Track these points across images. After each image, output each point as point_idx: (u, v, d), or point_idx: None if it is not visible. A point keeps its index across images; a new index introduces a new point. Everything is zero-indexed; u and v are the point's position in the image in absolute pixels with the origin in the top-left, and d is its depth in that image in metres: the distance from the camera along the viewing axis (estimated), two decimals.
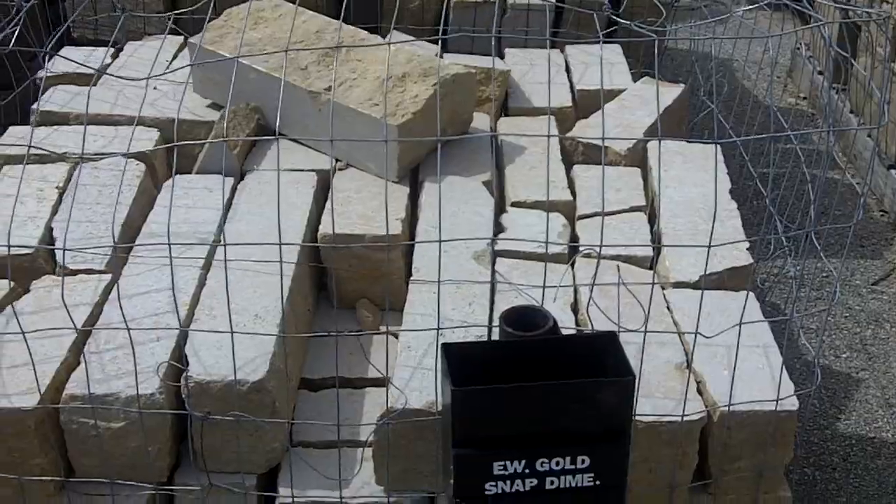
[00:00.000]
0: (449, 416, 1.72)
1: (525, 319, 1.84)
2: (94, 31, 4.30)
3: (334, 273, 2.73)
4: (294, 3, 2.91)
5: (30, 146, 2.42)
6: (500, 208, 2.87)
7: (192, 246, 2.63)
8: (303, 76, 3.02)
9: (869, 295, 3.99)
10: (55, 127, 3.15)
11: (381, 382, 2.56)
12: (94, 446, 2.24)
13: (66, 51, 3.67)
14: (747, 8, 3.68)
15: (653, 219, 2.86)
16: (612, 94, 3.40)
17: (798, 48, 5.55)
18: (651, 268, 2.70)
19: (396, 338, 2.70)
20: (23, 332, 2.15)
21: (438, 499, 2.31)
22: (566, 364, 1.78)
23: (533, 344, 1.79)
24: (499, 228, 2.77)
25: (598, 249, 2.50)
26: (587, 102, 3.39)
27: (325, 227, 2.72)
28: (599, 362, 1.80)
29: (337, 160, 2.99)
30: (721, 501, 2.37)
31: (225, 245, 2.41)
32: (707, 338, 2.20)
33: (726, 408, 2.23)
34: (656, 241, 2.76)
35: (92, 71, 3.42)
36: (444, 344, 1.83)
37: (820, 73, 5.27)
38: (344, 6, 2.40)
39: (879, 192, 4.69)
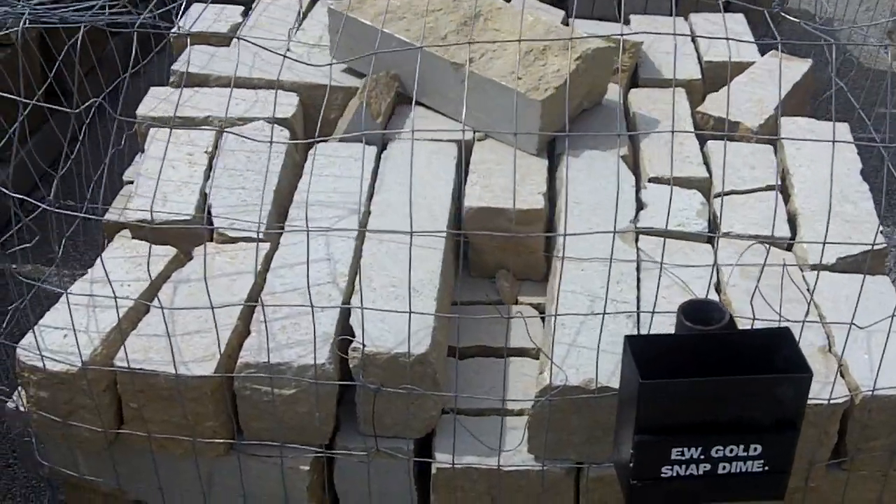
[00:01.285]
0: (633, 405, 1.81)
1: (701, 312, 1.91)
2: None
3: (473, 243, 2.81)
4: None
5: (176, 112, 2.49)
6: (637, 183, 2.93)
7: (346, 217, 2.72)
8: (444, 46, 3.08)
9: None
10: (196, 89, 3.24)
11: (524, 353, 2.67)
12: (265, 411, 2.36)
13: (196, 8, 3.74)
14: None
15: (787, 197, 2.90)
16: (741, 67, 3.43)
17: None
18: (789, 248, 2.75)
19: (535, 308, 2.81)
20: (212, 308, 2.24)
21: (586, 469, 2.41)
22: (740, 357, 1.86)
23: (710, 337, 1.87)
24: (639, 205, 2.83)
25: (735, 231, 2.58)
26: (714, 74, 3.41)
27: (469, 200, 2.79)
28: (772, 356, 1.88)
29: (475, 130, 3.06)
30: (854, 477, 2.44)
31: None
32: (861, 328, 2.26)
33: (869, 392, 2.30)
34: (792, 220, 2.81)
35: (224, 31, 3.55)
36: (627, 336, 1.91)
37: None
38: None
39: None
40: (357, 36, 3.18)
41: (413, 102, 2.85)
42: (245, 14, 3.72)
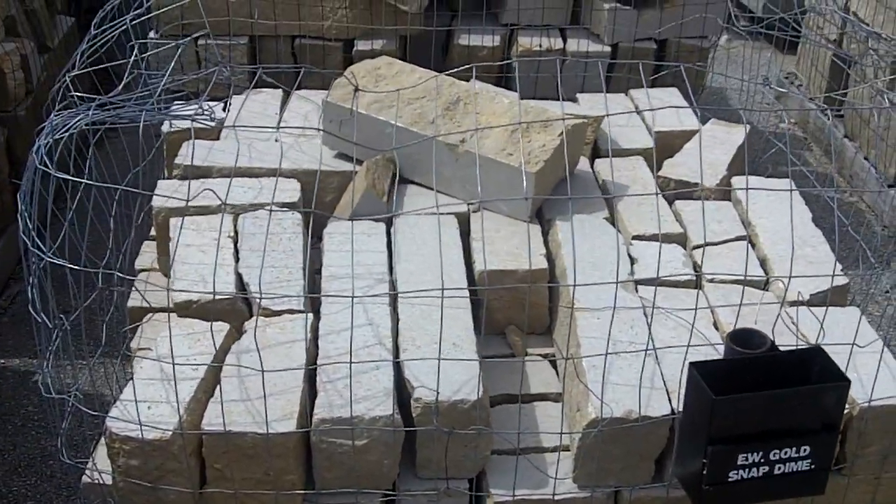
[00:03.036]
0: (704, 420, 2.13)
1: (746, 339, 2.26)
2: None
3: (487, 303, 3.12)
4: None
5: (188, 199, 2.75)
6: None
7: (375, 286, 2.99)
8: (434, 129, 3.40)
9: (885, 301, 4.52)
10: (202, 180, 3.47)
11: (544, 397, 2.97)
12: (338, 461, 2.60)
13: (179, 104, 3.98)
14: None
15: (753, 245, 3.31)
16: (686, 135, 3.85)
17: (788, 77, 6.10)
18: (764, 288, 3.14)
19: (545, 358, 3.13)
20: (284, 369, 2.48)
21: (625, 492, 2.71)
22: (784, 373, 2.21)
23: (758, 359, 2.21)
24: (631, 259, 3.18)
25: (719, 277, 2.96)
26: (663, 143, 3.82)
27: (480, 265, 3.10)
28: (808, 371, 2.23)
29: (469, 203, 3.38)
30: (852, 481, 2.81)
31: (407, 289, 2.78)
32: (861, 347, 2.64)
33: (866, 404, 2.68)
34: (763, 264, 3.21)
35: (209, 126, 3.79)
36: (692, 363, 2.24)
37: (811, 99, 5.81)
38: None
39: (879, 210, 5.24)
40: (351, 124, 3.47)
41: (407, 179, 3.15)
42: (224, 109, 3.97)
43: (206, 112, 2.75)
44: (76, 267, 2.54)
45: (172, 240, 3.20)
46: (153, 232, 3.54)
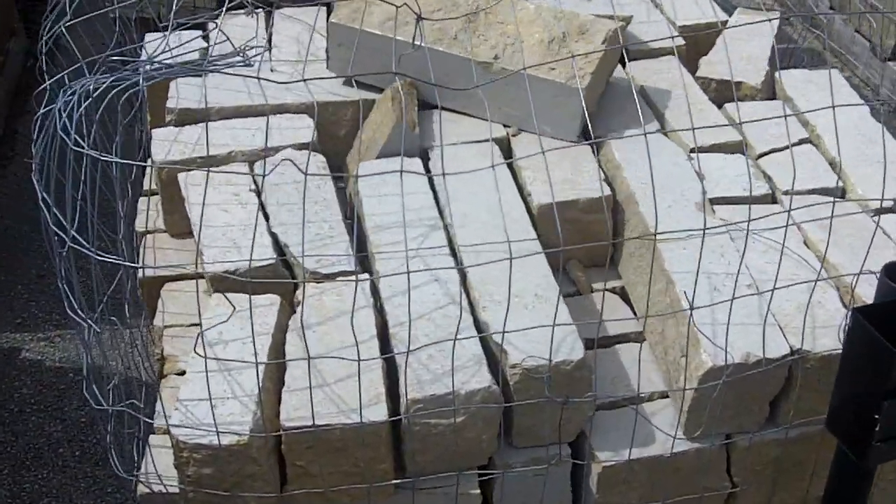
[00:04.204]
0: (881, 373, 1.89)
1: None
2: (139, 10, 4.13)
3: (544, 239, 2.82)
4: None
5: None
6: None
7: (430, 234, 2.68)
8: (460, 46, 3.05)
9: None
10: (200, 125, 3.08)
11: (625, 338, 2.71)
12: (433, 443, 2.32)
13: (152, 37, 3.54)
14: None
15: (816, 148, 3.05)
16: (712, 27, 3.55)
17: None
18: (843, 197, 2.90)
19: (615, 293, 2.87)
20: (369, 359, 2.17)
21: (738, 440, 2.49)
22: None
23: None
24: (698, 176, 2.91)
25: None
26: (691, 38, 3.51)
27: (538, 198, 2.80)
28: None
29: (506, 125, 3.06)
30: None
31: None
32: None
33: None
34: (835, 168, 2.96)
35: (190, 58, 3.39)
36: (856, 309, 1.99)
37: None
38: None
39: (873, 84, 5.03)
40: (363, 47, 3.10)
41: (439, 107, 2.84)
42: (206, 39, 3.55)
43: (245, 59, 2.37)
44: (110, 257, 2.18)
45: (186, 199, 2.83)
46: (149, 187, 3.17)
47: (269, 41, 3.48)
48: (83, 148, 2.06)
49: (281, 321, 2.47)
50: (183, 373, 2.61)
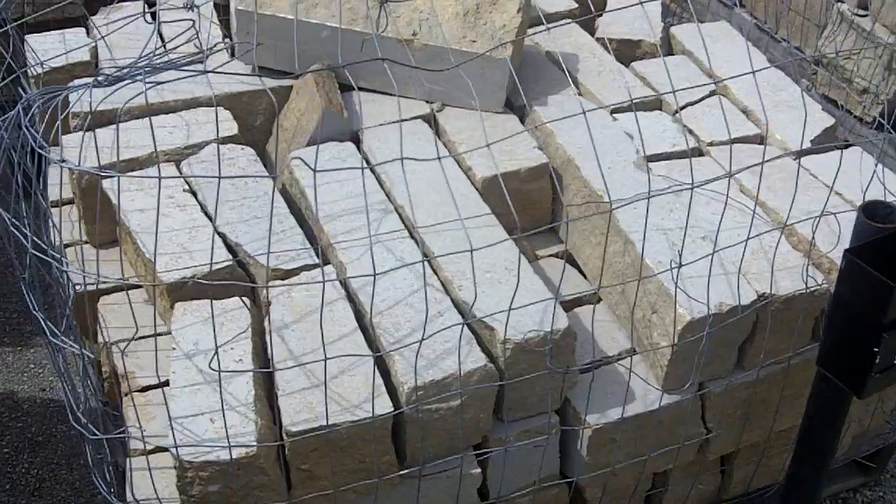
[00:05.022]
0: (879, 308, 1.99)
1: (874, 211, 2.12)
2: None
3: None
4: None
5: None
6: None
7: (384, 218, 2.64)
8: (374, 26, 3.00)
9: None
10: (109, 127, 2.93)
11: (580, 302, 2.75)
12: (434, 428, 2.30)
13: (34, 39, 3.34)
14: None
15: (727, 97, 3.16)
16: None
17: None
18: (762, 142, 3.02)
19: (559, 258, 2.90)
20: (373, 355, 2.14)
21: (710, 388, 2.57)
22: None
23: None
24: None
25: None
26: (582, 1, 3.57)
27: (479, 171, 2.79)
28: None
29: (429, 101, 3.04)
30: None
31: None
32: None
33: None
34: (749, 116, 3.07)
35: (84, 58, 3.22)
36: (847, 250, 2.07)
37: None
38: None
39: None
40: (272, 32, 3.01)
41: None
42: (88, 35, 3.37)
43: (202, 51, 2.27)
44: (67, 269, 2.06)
45: (117, 207, 2.70)
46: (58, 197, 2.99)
47: (160, 34, 3.34)
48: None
49: (254, 324, 2.40)
50: (143, 389, 2.50)
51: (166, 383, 2.42)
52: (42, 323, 2.22)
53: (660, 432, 2.54)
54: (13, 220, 2.14)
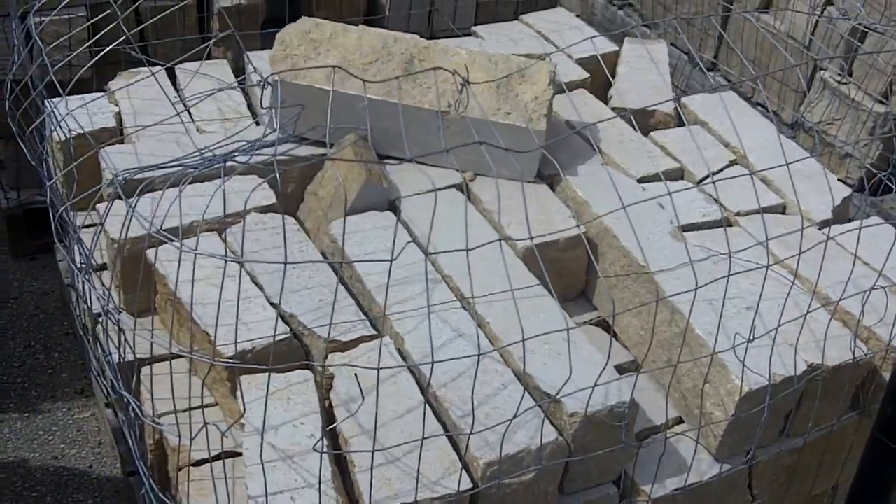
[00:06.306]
0: None
1: None
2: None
3: None
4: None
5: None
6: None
7: (435, 288, 2.66)
8: (408, 96, 3.04)
9: None
10: (149, 196, 2.90)
11: (621, 368, 2.80)
12: (503, 502, 2.32)
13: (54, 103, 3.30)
14: None
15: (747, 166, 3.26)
16: (608, 57, 3.70)
17: None
18: (784, 212, 3.11)
19: (597, 326, 2.95)
20: (460, 434, 2.15)
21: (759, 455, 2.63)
22: None
23: None
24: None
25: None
26: (592, 69, 3.65)
27: (522, 241, 2.83)
28: None
29: (461, 171, 3.08)
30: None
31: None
32: None
33: None
34: (771, 188, 3.17)
35: (109, 124, 3.20)
36: None
37: None
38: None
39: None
40: (307, 102, 3.03)
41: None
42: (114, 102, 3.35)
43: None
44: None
45: (164, 276, 2.68)
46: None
47: (182, 100, 3.34)
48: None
49: (322, 398, 2.40)
50: (198, 463, 2.48)
51: (219, 457, 2.42)
52: (109, 385, 2.18)
53: (712, 501, 2.58)
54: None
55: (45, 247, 3.94)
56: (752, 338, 2.36)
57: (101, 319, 2.76)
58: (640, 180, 3.12)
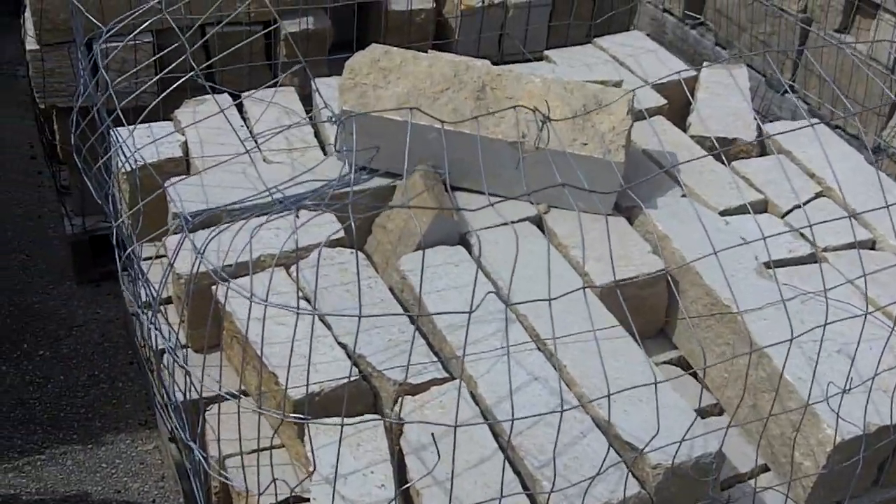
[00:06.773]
0: None
1: None
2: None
3: None
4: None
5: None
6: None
7: (509, 327, 2.56)
8: (481, 126, 2.95)
9: None
10: (212, 229, 2.84)
11: (704, 412, 2.67)
12: None
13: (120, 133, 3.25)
14: None
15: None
16: (687, 83, 3.57)
17: None
18: (873, 247, 2.96)
19: (676, 365, 2.83)
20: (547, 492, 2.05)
21: None
22: None
23: None
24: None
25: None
26: (668, 95, 3.53)
27: (598, 278, 2.73)
28: None
29: (535, 203, 2.97)
30: None
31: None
32: None
33: None
34: (860, 222, 3.02)
35: (175, 154, 3.14)
36: None
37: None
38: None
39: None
40: (377, 133, 2.95)
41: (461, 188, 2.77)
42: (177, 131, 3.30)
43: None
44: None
45: (231, 314, 2.61)
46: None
47: (249, 129, 3.27)
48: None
49: (391, 445, 2.30)
50: None
51: (287, 501, 2.34)
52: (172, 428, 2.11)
53: None
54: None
55: (110, 273, 3.90)
56: (847, 388, 2.22)
57: (164, 357, 2.69)
58: (723, 213, 3.00)
